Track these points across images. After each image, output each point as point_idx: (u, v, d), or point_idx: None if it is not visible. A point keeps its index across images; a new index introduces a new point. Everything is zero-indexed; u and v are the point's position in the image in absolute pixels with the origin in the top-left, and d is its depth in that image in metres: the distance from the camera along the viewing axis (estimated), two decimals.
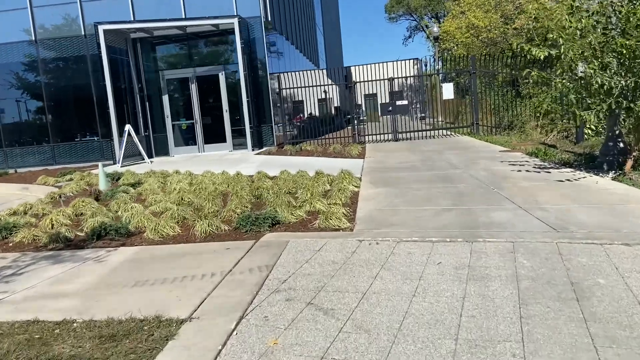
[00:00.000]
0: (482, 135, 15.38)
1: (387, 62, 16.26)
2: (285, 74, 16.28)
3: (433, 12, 58.20)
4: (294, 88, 17.40)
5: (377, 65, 15.74)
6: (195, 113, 15.52)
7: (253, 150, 14.78)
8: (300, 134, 17.68)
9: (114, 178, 10.94)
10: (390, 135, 16.30)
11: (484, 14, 25.81)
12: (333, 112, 27.20)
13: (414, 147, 13.43)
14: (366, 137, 16.84)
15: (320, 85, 16.22)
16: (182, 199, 7.16)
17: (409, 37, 70.87)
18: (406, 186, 7.55)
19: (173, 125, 15.67)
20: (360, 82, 16.34)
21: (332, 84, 18.31)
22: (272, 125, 15.65)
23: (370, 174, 9.07)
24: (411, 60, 21.19)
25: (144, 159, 13.76)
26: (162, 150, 15.72)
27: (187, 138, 15.83)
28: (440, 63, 26.37)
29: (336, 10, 54.95)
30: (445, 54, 26.07)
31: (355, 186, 7.68)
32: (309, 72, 16.25)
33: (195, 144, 15.68)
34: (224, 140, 15.65)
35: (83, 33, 15.40)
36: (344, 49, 64.29)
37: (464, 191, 6.86)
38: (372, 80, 15.64)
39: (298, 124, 18.70)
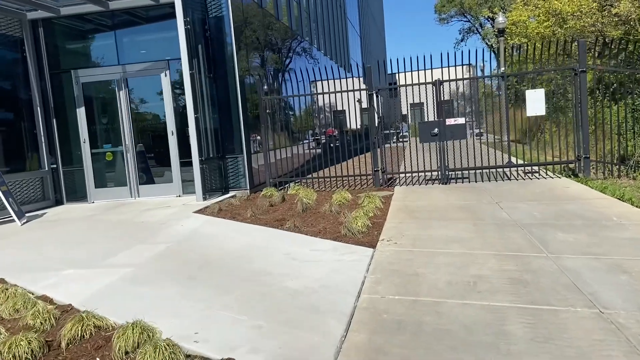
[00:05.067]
0: (597, 178, 8.89)
1: (436, 68, 9.95)
2: (284, 78, 10.46)
3: (490, 9, 50.91)
4: (293, 96, 11.54)
5: (425, 72, 9.62)
6: (126, 136, 9.88)
7: (205, 198, 8.96)
8: (313, 160, 11.75)
9: None
10: (436, 172, 10.10)
11: None
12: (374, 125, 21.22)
13: (479, 208, 7.17)
14: (396, 176, 10.66)
15: (333, 93, 10.25)
16: None
17: (462, 40, 63.26)
18: None
19: (93, 155, 10.09)
20: (385, 88, 10.33)
21: (361, 91, 12.17)
22: (244, 156, 9.78)
23: None
24: (464, 67, 14.83)
25: (11, 217, 8.13)
26: (78, 191, 10.14)
27: (114, 174, 10.20)
28: (501, 63, 19.80)
29: (380, 9, 48.88)
30: (515, 49, 19.37)
31: None
32: (331, 77, 10.30)
33: (127, 184, 10.01)
34: (169, 177, 9.93)
35: None
36: (389, 54, 57.77)
37: None
38: (393, 87, 9.55)
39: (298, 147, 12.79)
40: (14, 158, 9.74)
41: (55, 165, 10.12)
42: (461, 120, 9.67)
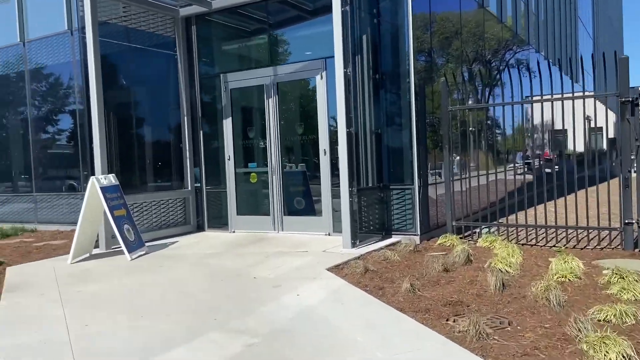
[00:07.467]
0: None
1: None
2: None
3: None
4: (489, 106, 8.47)
5: None
6: (272, 154, 7.99)
7: (355, 244, 6.43)
8: (518, 194, 8.45)
9: None
10: None
11: None
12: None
13: None
14: None
15: (548, 101, 6.80)
16: None
17: None
18: None
19: (236, 175, 8.45)
20: None
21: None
22: (415, 188, 6.99)
23: None
24: None
25: (120, 247, 6.72)
26: (223, 217, 8.58)
27: (258, 200, 8.39)
28: None
29: (619, 13, 40.58)
30: None
31: None
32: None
33: (269, 214, 8.09)
34: (319, 209, 7.69)
35: (67, 27, 9.57)
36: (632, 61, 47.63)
37: None
38: None
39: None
40: (157, 175, 8.71)
41: (199, 185, 8.78)
42: None
